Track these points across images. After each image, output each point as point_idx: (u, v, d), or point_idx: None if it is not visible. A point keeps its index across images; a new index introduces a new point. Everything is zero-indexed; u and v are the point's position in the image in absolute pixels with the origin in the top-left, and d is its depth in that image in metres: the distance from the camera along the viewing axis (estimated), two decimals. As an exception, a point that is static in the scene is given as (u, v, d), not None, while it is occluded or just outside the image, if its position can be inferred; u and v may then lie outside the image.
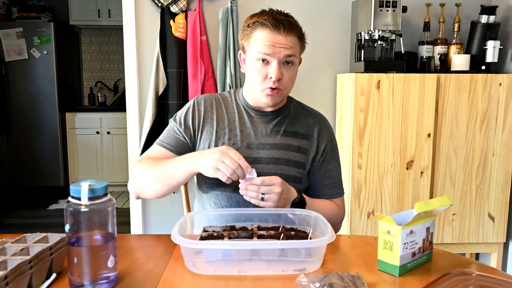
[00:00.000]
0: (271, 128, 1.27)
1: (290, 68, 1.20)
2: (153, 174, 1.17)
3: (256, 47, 1.17)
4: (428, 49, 2.29)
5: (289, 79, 1.20)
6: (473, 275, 0.85)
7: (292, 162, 1.25)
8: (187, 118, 1.29)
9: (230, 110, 1.30)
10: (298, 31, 1.19)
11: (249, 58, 1.21)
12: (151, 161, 1.21)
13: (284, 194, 1.09)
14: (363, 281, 0.80)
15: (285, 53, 1.16)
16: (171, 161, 1.16)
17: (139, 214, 2.54)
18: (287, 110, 1.31)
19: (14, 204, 4.17)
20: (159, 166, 1.17)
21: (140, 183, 1.20)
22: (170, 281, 0.87)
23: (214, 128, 1.27)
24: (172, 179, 1.14)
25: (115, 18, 4.42)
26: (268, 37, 1.15)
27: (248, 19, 1.21)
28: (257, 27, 1.17)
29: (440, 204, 0.92)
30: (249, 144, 1.25)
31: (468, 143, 2.14)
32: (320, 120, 1.35)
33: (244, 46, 1.23)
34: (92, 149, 4.44)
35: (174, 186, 1.17)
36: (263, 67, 1.18)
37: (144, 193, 1.21)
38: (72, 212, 0.78)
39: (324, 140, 1.31)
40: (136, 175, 1.21)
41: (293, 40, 1.17)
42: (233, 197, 1.23)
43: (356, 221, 2.15)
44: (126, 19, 2.42)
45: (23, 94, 4.25)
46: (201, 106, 1.30)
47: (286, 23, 1.16)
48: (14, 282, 0.74)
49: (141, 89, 2.47)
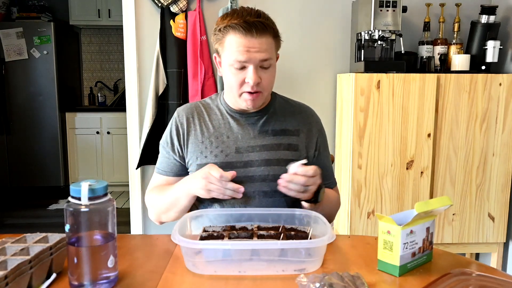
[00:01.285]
0: (258, 129, 1.26)
1: (268, 70, 1.17)
2: (162, 205, 1.23)
3: (230, 53, 1.14)
4: (428, 49, 2.29)
5: (268, 81, 1.18)
6: (473, 275, 0.85)
7: (284, 161, 1.23)
8: (172, 136, 1.28)
9: (213, 117, 1.28)
10: (271, 30, 1.15)
11: (224, 63, 1.18)
12: (157, 191, 1.27)
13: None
14: (363, 281, 0.80)
15: (260, 57, 1.13)
16: (173, 189, 1.20)
17: (139, 214, 2.54)
18: (272, 108, 1.29)
19: (14, 204, 4.17)
20: (164, 197, 1.22)
21: (156, 213, 1.28)
22: (170, 281, 0.87)
23: (199, 139, 1.25)
24: (179, 206, 1.19)
25: (115, 18, 4.42)
26: (241, 41, 1.12)
27: (219, 22, 1.17)
28: (228, 32, 1.13)
29: (440, 204, 0.92)
30: (238, 149, 1.23)
31: (468, 143, 2.14)
32: (308, 114, 1.34)
33: (218, 50, 1.19)
34: (92, 149, 4.44)
35: (185, 209, 1.21)
36: (239, 72, 1.15)
37: (163, 219, 1.28)
38: (72, 212, 0.78)
39: (315, 133, 1.31)
40: (150, 208, 1.30)
41: (267, 41, 1.14)
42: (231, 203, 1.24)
43: (356, 221, 2.15)
44: (126, 19, 2.42)
45: (23, 94, 4.25)
46: (183, 118, 1.28)
47: (259, 25, 1.11)
48: (14, 282, 0.74)
49: (141, 89, 2.47)
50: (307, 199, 1.14)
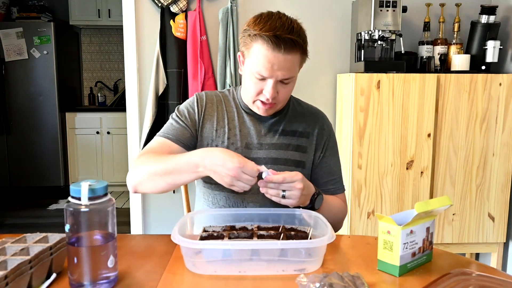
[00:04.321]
0: (269, 128, 1.27)
1: (287, 85, 1.16)
2: (155, 170, 1.09)
3: (254, 62, 1.13)
4: (428, 49, 2.29)
5: (285, 95, 1.18)
6: (473, 275, 0.85)
7: (291, 162, 1.25)
8: (192, 111, 1.26)
9: (229, 109, 1.28)
10: (299, 48, 1.12)
11: (247, 67, 1.17)
12: (154, 155, 1.14)
13: (305, 190, 1.06)
14: (363, 281, 0.80)
15: (282, 76, 1.12)
16: (177, 159, 1.09)
17: (139, 214, 2.54)
18: (286, 109, 1.30)
19: (14, 204, 4.17)
20: (163, 162, 1.09)
21: (140, 177, 1.12)
22: (170, 281, 0.87)
23: (214, 126, 1.26)
24: (177, 179, 1.08)
25: (115, 18, 4.42)
26: (267, 55, 1.09)
27: (251, 24, 1.13)
28: (257, 40, 1.11)
29: (440, 204, 0.92)
30: (248, 144, 1.24)
31: (468, 143, 2.14)
32: (319, 117, 1.34)
33: (244, 51, 1.18)
34: (92, 149, 4.44)
35: (178, 186, 1.12)
36: (259, 82, 1.15)
37: (143, 187, 1.14)
38: (72, 212, 0.78)
39: (324, 136, 1.31)
40: (136, 169, 1.13)
41: (293, 58, 1.11)
42: (231, 197, 1.23)
43: (356, 221, 2.15)
44: (126, 19, 2.42)
45: (23, 94, 4.25)
46: (203, 102, 1.28)
47: (288, 42, 1.08)
48: (14, 282, 0.74)
49: (141, 89, 2.47)
50: (303, 206, 1.11)
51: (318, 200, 1.13)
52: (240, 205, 1.23)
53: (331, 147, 1.32)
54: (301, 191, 1.04)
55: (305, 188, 1.06)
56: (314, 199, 1.11)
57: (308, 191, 1.10)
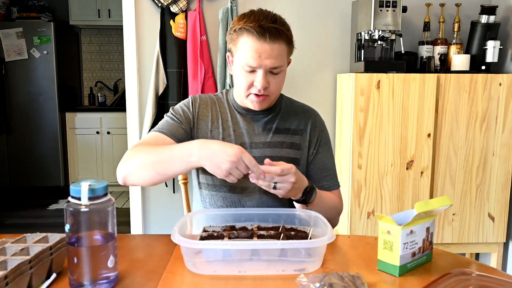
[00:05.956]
0: (262, 127, 1.28)
1: (277, 76, 1.18)
2: (147, 160, 1.08)
3: (242, 55, 1.15)
4: (428, 49, 2.29)
5: (276, 86, 1.19)
6: (473, 275, 0.85)
7: (286, 159, 1.24)
8: (186, 110, 1.28)
9: (223, 110, 1.30)
10: (285, 37, 1.15)
11: (236, 63, 1.20)
12: (146, 146, 1.13)
13: (297, 183, 1.07)
14: (363, 281, 0.80)
15: (271, 64, 1.14)
16: (170, 148, 1.09)
17: (139, 214, 2.54)
18: (278, 108, 1.31)
19: (14, 204, 4.17)
20: (156, 152, 1.08)
21: (131, 167, 1.10)
22: (170, 281, 0.87)
23: (209, 127, 1.27)
24: (169, 169, 1.06)
25: (115, 18, 4.42)
26: (254, 45, 1.12)
27: (236, 22, 1.18)
28: (243, 34, 1.14)
29: (440, 204, 0.92)
30: (242, 144, 1.25)
31: (468, 143, 2.14)
32: (312, 114, 1.35)
33: (231, 49, 1.21)
34: (92, 149, 4.44)
35: (169, 177, 1.10)
36: (249, 75, 1.16)
37: (133, 178, 1.11)
38: (72, 212, 0.78)
39: (317, 133, 1.32)
40: (128, 159, 1.12)
41: (279, 47, 1.14)
42: (228, 197, 1.24)
43: (356, 221, 2.15)
44: (126, 19, 2.42)
45: (23, 94, 4.25)
46: (197, 103, 1.30)
47: (273, 30, 1.11)
48: (14, 282, 0.74)
49: (141, 89, 2.47)
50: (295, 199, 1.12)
51: (310, 194, 1.13)
52: (238, 204, 1.24)
53: (324, 144, 1.33)
54: (292, 184, 1.05)
55: (297, 182, 1.07)
56: (306, 192, 1.12)
57: (301, 184, 1.10)
